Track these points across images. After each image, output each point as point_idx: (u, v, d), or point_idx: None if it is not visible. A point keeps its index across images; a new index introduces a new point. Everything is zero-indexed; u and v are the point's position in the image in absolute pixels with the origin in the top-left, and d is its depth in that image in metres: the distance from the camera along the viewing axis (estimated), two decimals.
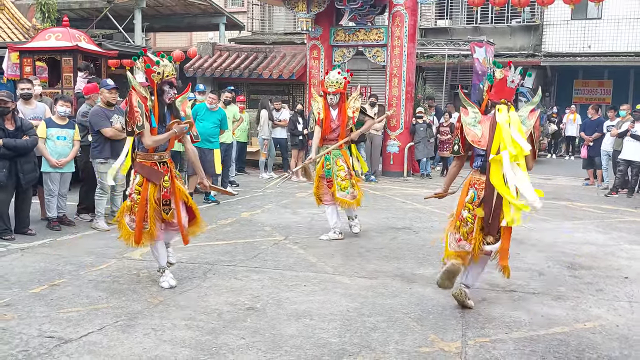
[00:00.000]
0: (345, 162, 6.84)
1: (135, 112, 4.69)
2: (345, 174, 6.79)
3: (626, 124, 10.84)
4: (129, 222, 4.90)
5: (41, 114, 7.51)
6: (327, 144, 6.88)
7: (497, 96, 4.46)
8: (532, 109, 4.48)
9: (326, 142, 6.89)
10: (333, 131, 6.85)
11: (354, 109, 6.89)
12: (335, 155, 6.82)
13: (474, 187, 4.60)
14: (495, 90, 4.49)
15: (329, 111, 6.83)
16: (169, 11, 21.99)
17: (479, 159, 4.58)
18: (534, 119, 4.43)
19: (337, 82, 6.73)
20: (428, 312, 4.57)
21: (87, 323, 4.17)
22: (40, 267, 5.49)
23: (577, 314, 4.62)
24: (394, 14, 12.54)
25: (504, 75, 4.44)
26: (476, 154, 4.61)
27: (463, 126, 4.57)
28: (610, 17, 19.71)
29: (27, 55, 10.73)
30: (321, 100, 6.88)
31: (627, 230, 7.88)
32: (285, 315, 4.42)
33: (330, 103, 6.80)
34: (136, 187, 4.84)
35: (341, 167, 6.80)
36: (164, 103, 4.84)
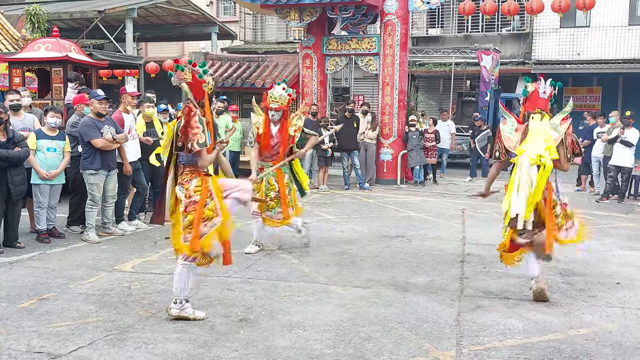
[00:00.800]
0: (277, 182, 6.58)
1: (195, 128, 4.34)
2: (275, 195, 6.55)
3: (616, 130, 10.91)
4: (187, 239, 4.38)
5: (30, 125, 7.46)
6: (263, 162, 6.61)
7: (531, 107, 5.06)
8: (565, 117, 4.98)
9: (263, 159, 6.62)
10: (272, 148, 6.57)
11: (296, 128, 6.67)
12: (269, 174, 6.55)
13: None
14: (529, 102, 5.08)
15: (269, 127, 6.55)
16: (160, 21, 22.02)
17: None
18: (565, 126, 4.93)
19: (281, 98, 6.49)
20: (422, 320, 4.55)
21: (77, 337, 4.12)
22: (29, 281, 5.42)
23: (570, 321, 4.61)
24: (386, 22, 12.59)
25: (535, 88, 5.04)
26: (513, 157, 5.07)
27: (502, 134, 5.12)
28: (598, 25, 19.88)
29: (17, 66, 10.67)
30: (262, 115, 6.62)
31: (618, 236, 7.90)
32: (279, 327, 4.38)
33: (272, 119, 6.53)
34: (196, 189, 4.42)
35: (272, 186, 6.57)
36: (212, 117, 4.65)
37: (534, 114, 4.97)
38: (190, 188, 4.41)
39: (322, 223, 8.46)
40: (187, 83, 4.42)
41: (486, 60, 16.51)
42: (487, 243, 7.20)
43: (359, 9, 12.30)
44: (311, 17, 12.54)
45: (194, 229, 4.32)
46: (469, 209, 9.73)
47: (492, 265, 6.21)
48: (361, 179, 12.04)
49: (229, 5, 26.63)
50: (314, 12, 12.50)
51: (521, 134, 4.97)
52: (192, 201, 4.38)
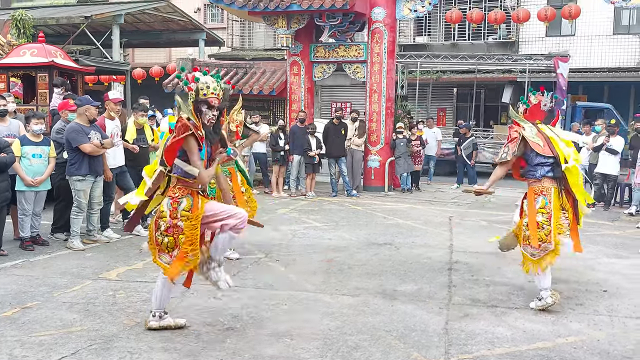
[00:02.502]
0: (231, 181, 6.38)
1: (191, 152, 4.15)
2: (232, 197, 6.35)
3: (601, 138, 11.01)
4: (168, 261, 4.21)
5: (15, 131, 7.36)
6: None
7: (531, 118, 5.26)
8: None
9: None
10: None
11: (237, 123, 6.50)
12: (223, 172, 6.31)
13: (543, 194, 5.11)
14: (530, 113, 5.27)
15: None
16: (147, 27, 21.93)
17: (542, 168, 5.12)
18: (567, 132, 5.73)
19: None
20: (410, 329, 4.53)
21: (60, 347, 4.04)
22: (12, 289, 5.33)
23: (558, 329, 4.61)
24: (373, 30, 12.63)
25: (539, 100, 5.26)
26: (536, 164, 5.14)
27: (526, 139, 5.12)
28: (583, 34, 20.15)
29: (1, 72, 10.55)
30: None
31: (605, 243, 7.95)
32: (266, 336, 4.34)
33: None
34: (183, 213, 4.14)
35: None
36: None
37: (536, 124, 5.23)
38: (178, 209, 4.14)
39: (310, 230, 8.43)
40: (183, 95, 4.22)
41: (562, 68, 15.99)
42: (475, 251, 7.21)
43: (346, 16, 12.34)
44: (299, 24, 12.56)
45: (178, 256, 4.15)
46: (457, 217, 9.75)
47: (479, 273, 6.22)
48: (349, 186, 12.03)
49: (217, 12, 26.63)
50: (301, 20, 12.52)
51: (545, 140, 5.13)
52: (176, 225, 4.13)
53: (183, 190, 4.20)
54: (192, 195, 4.20)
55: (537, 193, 5.12)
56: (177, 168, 4.20)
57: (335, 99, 22.67)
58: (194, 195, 4.21)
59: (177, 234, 4.13)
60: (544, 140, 5.11)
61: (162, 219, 4.17)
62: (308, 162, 11.74)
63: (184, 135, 4.06)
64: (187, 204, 4.16)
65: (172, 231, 4.14)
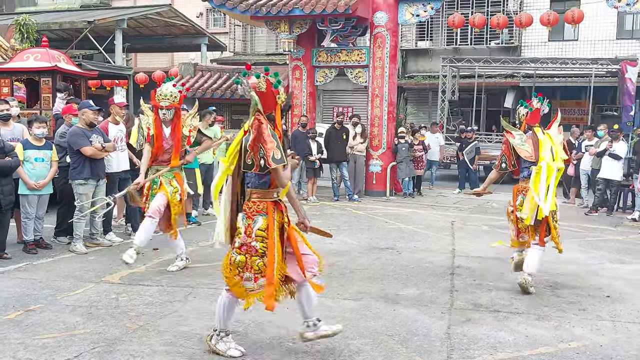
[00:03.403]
0: (180, 185, 6.17)
1: (269, 142, 3.78)
2: (180, 198, 6.14)
3: (604, 144, 11.00)
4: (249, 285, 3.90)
5: (19, 135, 7.39)
6: (158, 166, 6.14)
7: (532, 121, 5.85)
8: (559, 126, 5.87)
9: (157, 163, 6.14)
10: (166, 151, 6.12)
11: (190, 128, 6.30)
12: (169, 177, 6.11)
13: (522, 194, 5.73)
14: (532, 117, 5.85)
15: (161, 128, 6.09)
16: (150, 32, 22.02)
17: (526, 171, 5.77)
18: (562, 134, 5.91)
19: (172, 95, 6.00)
20: (412, 334, 4.52)
21: (64, 350, 4.05)
22: (16, 292, 5.34)
23: (561, 334, 4.60)
24: (375, 35, 12.66)
25: (540, 107, 5.88)
26: (523, 167, 5.81)
27: (514, 147, 5.78)
28: (586, 38, 20.14)
29: (5, 76, 10.59)
30: (152, 115, 6.15)
31: (608, 248, 7.94)
32: (268, 339, 4.34)
33: (163, 119, 6.05)
34: (258, 233, 3.88)
35: (176, 189, 6.11)
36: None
37: (534, 127, 5.79)
38: (254, 227, 3.87)
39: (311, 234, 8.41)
40: (259, 93, 3.89)
41: (631, 72, 15.71)
42: (477, 255, 7.21)
43: (348, 21, 12.37)
44: (301, 29, 12.60)
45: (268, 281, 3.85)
46: (459, 221, 9.75)
47: (482, 277, 6.21)
48: (350, 190, 12.03)
49: (219, 16, 26.71)
50: (303, 24, 12.55)
51: (532, 144, 5.70)
52: (250, 245, 3.86)
53: (258, 203, 3.93)
54: (267, 213, 3.91)
55: (519, 191, 5.81)
56: (250, 178, 3.95)
57: (337, 104, 22.69)
58: (269, 213, 3.93)
59: (250, 255, 3.87)
60: (532, 145, 5.69)
61: (238, 235, 3.93)
62: (309, 166, 11.75)
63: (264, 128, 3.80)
64: (264, 222, 3.89)
65: (245, 249, 3.89)
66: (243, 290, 3.92)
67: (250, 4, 12.64)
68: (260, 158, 3.82)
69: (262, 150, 3.80)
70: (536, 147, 5.65)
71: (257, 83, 3.88)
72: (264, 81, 3.88)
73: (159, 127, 6.09)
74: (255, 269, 3.87)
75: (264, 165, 3.81)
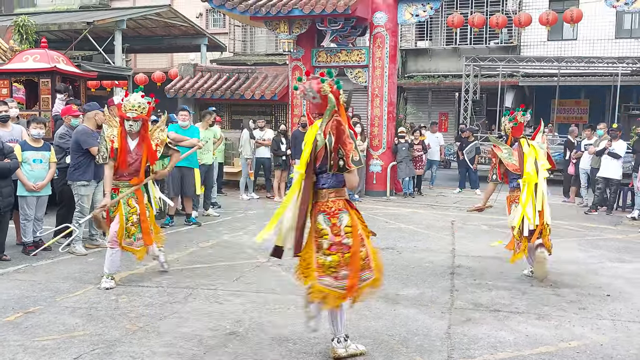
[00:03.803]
0: (138, 204, 5.76)
1: (349, 144, 3.79)
2: (137, 219, 5.75)
3: (604, 142, 10.99)
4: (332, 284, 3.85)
5: (18, 136, 7.38)
6: (118, 182, 5.72)
7: (518, 133, 6.28)
8: (542, 135, 6.28)
9: (118, 178, 5.72)
10: (130, 166, 5.69)
11: (158, 142, 5.87)
12: (128, 195, 5.72)
13: (515, 202, 6.13)
14: (517, 130, 6.28)
15: (126, 141, 5.66)
16: (149, 32, 22.00)
17: (514, 181, 6.18)
18: (545, 143, 6.30)
19: (140, 106, 5.60)
20: (413, 333, 4.52)
21: (63, 352, 4.04)
22: (15, 294, 5.34)
23: (561, 333, 4.60)
24: (375, 35, 12.66)
25: (525, 120, 6.29)
26: (512, 178, 6.23)
27: (501, 160, 6.19)
28: (585, 38, 20.14)
29: (4, 77, 10.58)
30: (117, 127, 5.72)
31: (607, 247, 7.93)
32: (268, 340, 4.33)
33: (129, 131, 5.65)
34: (347, 230, 3.88)
35: (134, 209, 5.74)
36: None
37: (520, 139, 6.15)
38: (341, 226, 3.86)
39: None
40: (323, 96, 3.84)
41: None
42: (477, 255, 7.21)
43: (348, 21, 12.37)
44: (300, 29, 12.59)
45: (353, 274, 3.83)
46: (459, 221, 9.74)
47: (482, 277, 6.21)
48: (350, 190, 12.00)
49: (218, 17, 26.71)
50: (303, 24, 12.55)
51: (518, 157, 6.07)
52: (342, 243, 3.84)
53: (336, 202, 3.93)
54: (347, 209, 3.95)
55: (512, 201, 6.24)
56: (326, 179, 3.92)
57: None
58: (349, 209, 3.96)
59: (343, 253, 3.84)
60: (518, 157, 6.07)
61: (324, 237, 3.87)
62: None
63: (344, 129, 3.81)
64: (348, 219, 3.90)
65: (336, 249, 3.84)
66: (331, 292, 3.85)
67: (249, 5, 12.63)
68: (339, 159, 3.81)
69: (341, 151, 3.81)
70: (521, 159, 6.03)
71: (322, 87, 3.84)
72: (327, 84, 3.85)
73: (123, 140, 5.67)
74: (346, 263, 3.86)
75: (342, 165, 3.82)
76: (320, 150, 3.82)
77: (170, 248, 7.33)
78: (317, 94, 3.84)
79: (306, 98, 3.92)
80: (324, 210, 3.90)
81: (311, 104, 3.94)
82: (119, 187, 5.73)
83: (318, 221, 3.90)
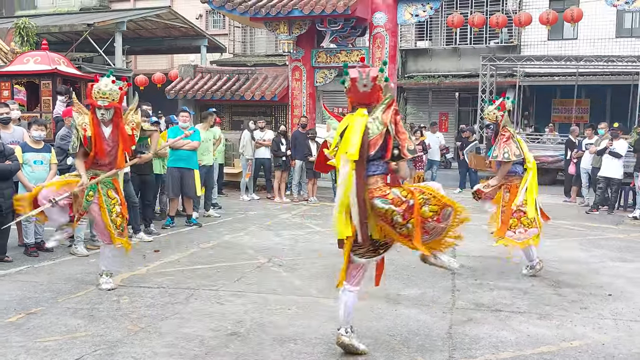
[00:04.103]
0: (118, 194, 5.59)
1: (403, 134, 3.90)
2: (121, 209, 5.57)
3: (605, 142, 10.99)
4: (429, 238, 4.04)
5: (19, 138, 7.38)
6: (97, 170, 5.50)
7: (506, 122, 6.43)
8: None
9: (97, 167, 5.49)
10: (107, 154, 5.48)
11: (133, 125, 5.66)
12: (106, 185, 5.51)
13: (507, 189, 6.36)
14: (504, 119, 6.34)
15: (99, 129, 5.41)
16: (149, 34, 22.04)
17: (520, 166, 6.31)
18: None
19: (111, 92, 5.35)
20: (414, 333, 4.52)
21: (65, 353, 4.05)
22: (17, 295, 5.34)
23: (563, 333, 4.60)
24: (375, 35, 12.67)
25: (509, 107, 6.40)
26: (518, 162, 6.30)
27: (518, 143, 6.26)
28: (585, 37, 20.13)
29: (5, 79, 10.62)
30: (88, 114, 5.46)
31: (609, 247, 7.93)
32: (270, 340, 4.33)
33: (102, 119, 5.40)
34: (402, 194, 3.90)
35: (114, 199, 5.53)
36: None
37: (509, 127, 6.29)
38: (399, 194, 3.86)
39: (313, 235, 8.43)
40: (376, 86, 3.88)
41: None
42: (478, 255, 7.21)
43: (348, 21, 12.39)
44: (300, 29, 12.61)
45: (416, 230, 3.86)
46: None
47: (483, 277, 6.21)
48: None
49: (218, 18, 26.73)
50: (303, 25, 12.56)
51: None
52: (408, 205, 3.83)
53: (386, 185, 3.94)
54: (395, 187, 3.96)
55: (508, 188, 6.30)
56: (377, 166, 3.92)
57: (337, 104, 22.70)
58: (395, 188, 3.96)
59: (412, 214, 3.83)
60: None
61: (392, 213, 3.84)
62: (309, 167, 11.74)
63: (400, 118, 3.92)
64: (400, 190, 3.90)
65: (408, 216, 3.83)
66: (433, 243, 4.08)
67: (249, 6, 12.65)
68: (393, 147, 3.86)
69: (396, 140, 3.86)
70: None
71: (380, 76, 3.88)
72: (382, 76, 3.90)
73: (97, 127, 5.39)
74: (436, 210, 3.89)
75: (397, 154, 3.87)
76: (376, 138, 3.85)
77: (171, 249, 7.35)
78: (371, 82, 3.85)
79: (357, 84, 3.88)
80: (379, 195, 3.88)
81: (357, 92, 3.91)
82: (97, 175, 5.48)
83: (378, 206, 3.86)
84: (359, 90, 3.90)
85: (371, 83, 3.85)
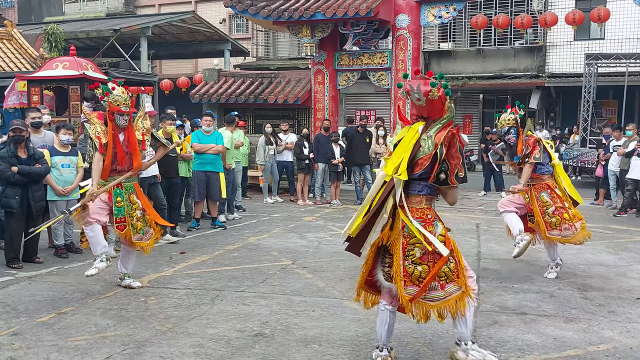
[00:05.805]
0: (139, 199, 5.72)
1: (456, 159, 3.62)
2: (141, 213, 5.68)
3: (633, 144, 10.81)
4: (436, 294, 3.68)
5: (49, 142, 7.54)
6: (117, 176, 5.58)
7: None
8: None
9: (116, 173, 5.59)
10: (125, 159, 5.60)
11: (143, 131, 5.80)
12: (128, 190, 5.63)
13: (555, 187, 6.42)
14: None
15: (117, 135, 5.56)
16: (174, 39, 22.32)
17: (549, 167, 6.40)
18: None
19: (129, 99, 5.59)
20: (438, 336, 4.52)
21: (95, 352, 4.14)
22: (48, 296, 5.47)
23: (589, 337, 4.55)
24: (398, 37, 12.65)
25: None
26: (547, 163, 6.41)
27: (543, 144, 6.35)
28: (612, 37, 19.79)
29: (35, 85, 10.86)
30: (99, 122, 5.62)
31: (637, 250, 7.80)
32: (294, 341, 4.37)
33: (123, 125, 5.59)
34: (440, 239, 3.66)
35: (136, 204, 5.66)
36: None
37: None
38: (436, 234, 3.67)
39: (336, 238, 8.44)
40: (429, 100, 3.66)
41: None
42: (503, 258, 7.15)
43: (370, 24, 12.38)
44: (323, 33, 12.65)
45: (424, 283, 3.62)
46: (484, 224, 9.67)
47: (508, 280, 6.16)
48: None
49: (242, 22, 26.94)
50: (325, 28, 12.60)
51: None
52: (434, 251, 3.60)
53: (429, 210, 3.75)
54: (439, 218, 3.78)
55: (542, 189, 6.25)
56: (422, 186, 3.74)
57: (360, 107, 22.72)
58: (439, 218, 3.79)
59: (433, 262, 3.63)
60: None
61: (417, 245, 3.65)
62: (332, 170, 11.78)
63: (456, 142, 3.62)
64: (442, 227, 3.72)
65: (427, 259, 3.63)
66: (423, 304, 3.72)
67: (272, 10, 12.74)
68: (441, 171, 3.62)
69: (445, 164, 3.61)
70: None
71: (432, 91, 3.64)
72: (437, 89, 3.64)
73: (116, 135, 5.56)
74: (441, 275, 3.65)
75: (443, 179, 3.63)
76: (425, 158, 3.64)
77: (197, 251, 7.44)
78: (423, 96, 3.65)
79: (411, 98, 3.73)
80: (419, 217, 3.69)
81: (414, 104, 3.76)
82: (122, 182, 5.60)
83: (412, 226, 3.64)
84: (414, 103, 3.75)
85: (424, 97, 3.65)
